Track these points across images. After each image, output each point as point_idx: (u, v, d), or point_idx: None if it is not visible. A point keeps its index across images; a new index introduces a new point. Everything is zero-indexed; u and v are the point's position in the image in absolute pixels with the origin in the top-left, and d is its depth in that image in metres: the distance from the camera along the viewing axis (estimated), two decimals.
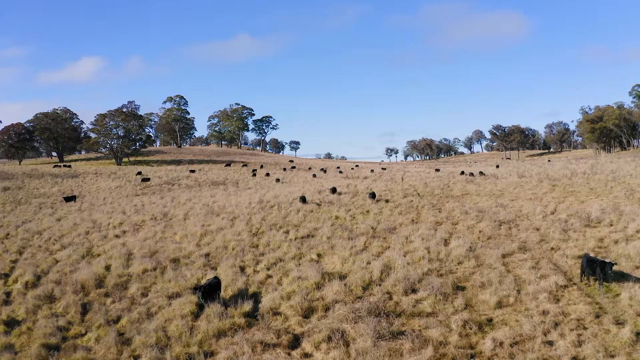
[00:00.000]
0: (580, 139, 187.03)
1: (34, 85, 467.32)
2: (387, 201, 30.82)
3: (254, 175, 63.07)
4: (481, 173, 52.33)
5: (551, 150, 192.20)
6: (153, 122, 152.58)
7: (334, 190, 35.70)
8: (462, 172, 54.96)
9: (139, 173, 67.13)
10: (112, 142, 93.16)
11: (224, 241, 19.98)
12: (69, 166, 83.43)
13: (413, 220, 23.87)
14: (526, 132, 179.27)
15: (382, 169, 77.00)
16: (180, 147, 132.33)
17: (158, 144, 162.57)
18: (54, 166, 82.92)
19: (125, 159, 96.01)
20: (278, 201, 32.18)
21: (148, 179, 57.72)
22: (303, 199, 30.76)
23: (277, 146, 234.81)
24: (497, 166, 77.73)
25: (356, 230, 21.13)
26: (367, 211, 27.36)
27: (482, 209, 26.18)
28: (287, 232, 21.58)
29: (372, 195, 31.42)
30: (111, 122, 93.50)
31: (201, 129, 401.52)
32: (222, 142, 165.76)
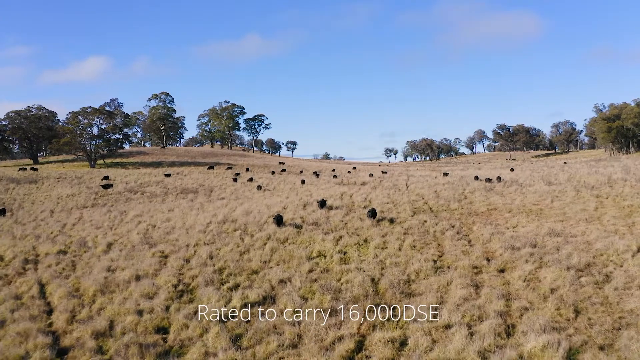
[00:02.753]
0: (587, 139, 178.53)
1: (38, 84, 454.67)
2: (391, 221, 22.66)
3: (235, 180, 54.64)
4: (499, 179, 43.87)
5: (557, 150, 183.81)
6: (140, 122, 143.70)
7: (322, 203, 27.51)
8: (477, 177, 46.56)
9: (106, 177, 58.74)
10: (85, 143, 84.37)
11: (117, 313, 11.63)
12: (36, 169, 74.98)
13: (435, 263, 15.60)
14: (531, 132, 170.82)
15: (383, 172, 68.48)
16: (164, 147, 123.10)
17: (149, 144, 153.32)
18: (19, 169, 74.42)
19: (100, 161, 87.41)
20: (246, 221, 23.94)
21: (110, 186, 49.39)
22: (279, 220, 22.54)
23: (274, 146, 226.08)
24: (512, 169, 69.34)
25: (346, 290, 12.73)
26: (365, 240, 19.15)
27: (532, 240, 17.92)
28: (234, 289, 13.22)
29: (372, 214, 23.26)
30: (84, 121, 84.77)
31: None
32: (216, 142, 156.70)
